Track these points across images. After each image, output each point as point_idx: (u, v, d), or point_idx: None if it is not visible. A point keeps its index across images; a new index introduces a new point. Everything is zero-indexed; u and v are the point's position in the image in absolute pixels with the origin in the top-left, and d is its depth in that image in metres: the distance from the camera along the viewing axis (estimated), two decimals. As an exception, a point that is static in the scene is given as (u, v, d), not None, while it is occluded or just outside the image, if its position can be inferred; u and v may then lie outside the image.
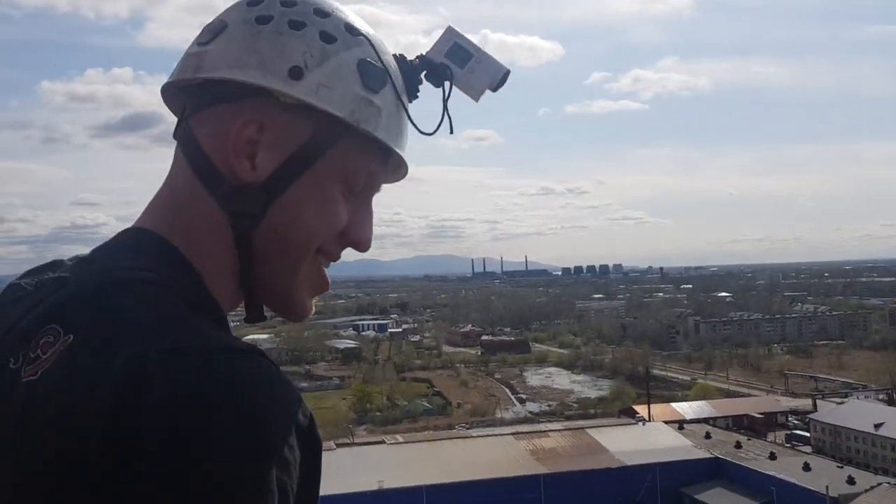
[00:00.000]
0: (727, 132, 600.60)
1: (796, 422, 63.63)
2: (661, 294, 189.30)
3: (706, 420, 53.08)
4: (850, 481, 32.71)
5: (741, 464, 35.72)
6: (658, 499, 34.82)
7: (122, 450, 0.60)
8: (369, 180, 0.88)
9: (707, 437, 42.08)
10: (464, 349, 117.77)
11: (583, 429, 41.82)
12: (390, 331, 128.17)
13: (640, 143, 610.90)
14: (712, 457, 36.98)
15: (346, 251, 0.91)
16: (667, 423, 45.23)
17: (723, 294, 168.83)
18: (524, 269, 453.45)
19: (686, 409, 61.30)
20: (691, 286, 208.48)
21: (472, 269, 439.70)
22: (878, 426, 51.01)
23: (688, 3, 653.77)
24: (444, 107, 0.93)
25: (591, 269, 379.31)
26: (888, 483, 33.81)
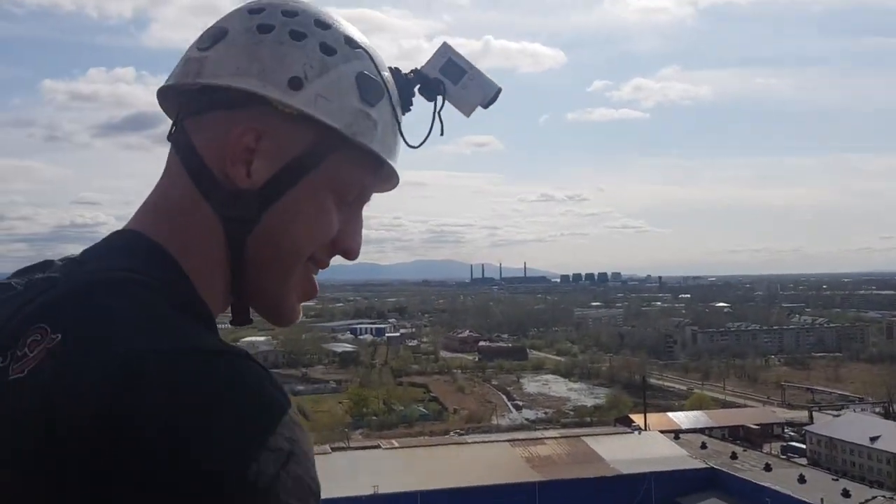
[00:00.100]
0: (728, 142, 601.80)
1: (792, 433, 63.57)
2: (659, 303, 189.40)
3: (702, 430, 53.05)
4: (846, 494, 32.73)
5: (736, 475, 35.69)
6: (653, 508, 34.82)
7: (118, 449, 0.60)
8: (361, 191, 0.90)
9: (703, 447, 42.07)
10: (461, 355, 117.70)
11: (578, 437, 41.79)
12: (388, 335, 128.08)
13: (641, 152, 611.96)
14: (708, 467, 36.97)
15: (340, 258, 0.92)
16: (663, 432, 45.20)
17: (721, 304, 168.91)
18: (523, 275, 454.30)
19: (682, 418, 61.26)
20: (689, 296, 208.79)
21: (471, 274, 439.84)
22: (874, 439, 50.98)
23: (690, 12, 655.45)
24: (433, 119, 0.95)
25: (590, 276, 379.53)
26: (883, 496, 33.83)
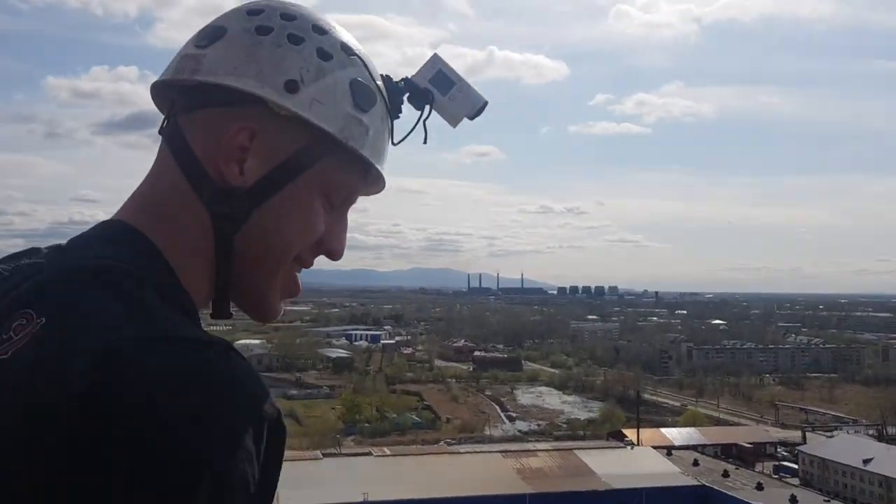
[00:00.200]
0: (729, 160, 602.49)
1: (785, 453, 63.48)
2: (655, 318, 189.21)
3: (695, 447, 53.03)
4: (837, 515, 32.71)
5: (728, 493, 35.65)
6: (643, 524, 34.69)
7: (92, 434, 0.61)
8: (349, 194, 0.92)
9: (695, 464, 42.01)
10: (456, 364, 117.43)
11: (571, 450, 41.73)
12: (383, 342, 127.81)
13: (641, 167, 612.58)
14: (700, 484, 36.88)
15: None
16: (655, 448, 45.15)
17: (717, 321, 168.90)
18: (520, 286, 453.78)
19: (675, 434, 61.18)
20: (686, 312, 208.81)
21: (468, 283, 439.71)
22: (866, 461, 50.87)
23: (693, 29, 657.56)
24: (415, 124, 0.97)
25: (587, 289, 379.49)
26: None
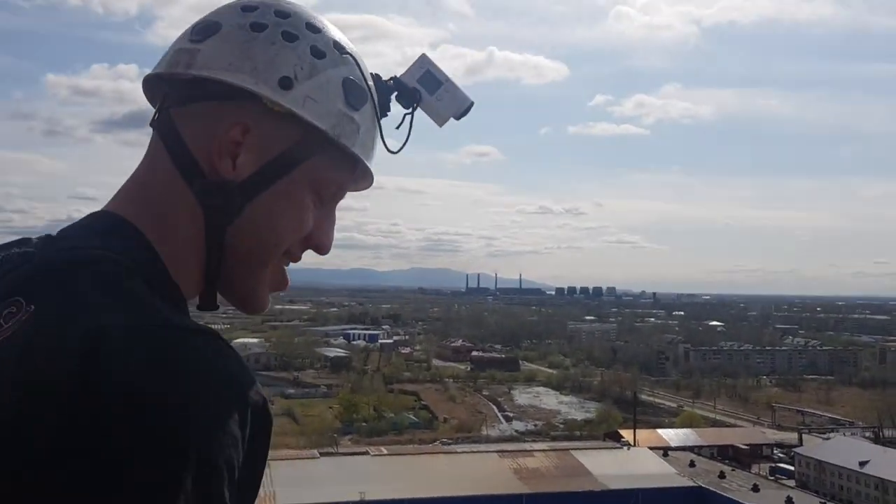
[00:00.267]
0: (727, 162, 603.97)
1: (781, 455, 63.52)
2: (652, 319, 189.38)
3: (691, 448, 53.03)
4: (832, 517, 32.78)
5: (724, 494, 35.71)
6: (639, 525, 34.76)
7: (78, 420, 0.62)
8: (338, 190, 0.94)
9: (691, 465, 42.11)
10: (453, 364, 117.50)
11: (567, 450, 41.79)
12: (381, 342, 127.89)
13: (640, 168, 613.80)
14: (695, 486, 36.95)
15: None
16: (652, 449, 45.21)
17: (714, 323, 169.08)
18: (518, 286, 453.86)
19: (672, 436, 61.20)
20: (683, 313, 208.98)
21: (467, 284, 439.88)
22: (863, 464, 50.95)
23: (693, 31, 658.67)
24: (409, 127, 0.99)
25: (585, 290, 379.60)
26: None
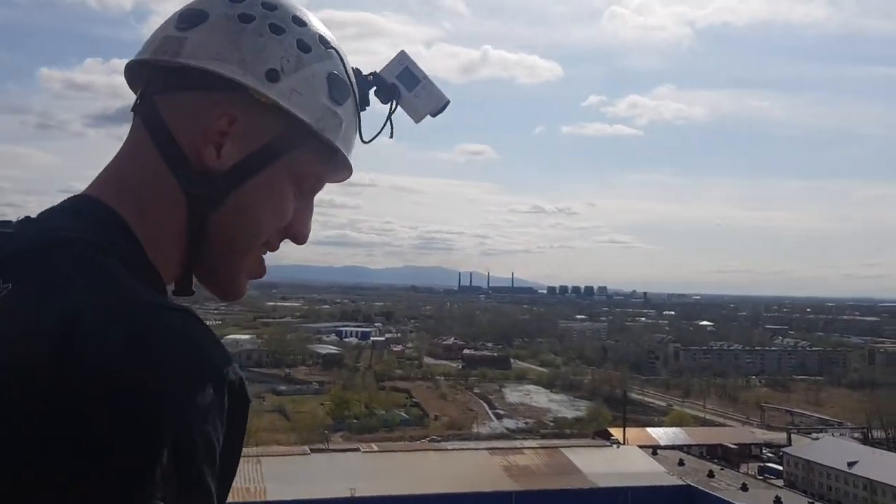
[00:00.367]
0: (719, 163, 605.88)
1: (770, 455, 63.86)
2: (643, 319, 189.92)
3: (680, 447, 53.34)
4: (820, 517, 33.02)
5: (713, 493, 35.93)
6: (628, 523, 34.94)
7: (53, 398, 0.62)
8: (318, 182, 0.95)
9: (680, 464, 42.34)
10: (445, 362, 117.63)
11: (557, 448, 41.95)
12: (373, 339, 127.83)
13: (633, 169, 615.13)
14: (684, 484, 37.16)
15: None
16: (641, 447, 45.43)
17: (704, 323, 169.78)
18: (510, 285, 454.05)
19: (661, 434, 61.50)
20: (674, 313, 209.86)
21: (459, 282, 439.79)
22: (851, 464, 51.28)
23: (687, 32, 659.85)
24: (386, 120, 1.01)
25: (577, 289, 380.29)
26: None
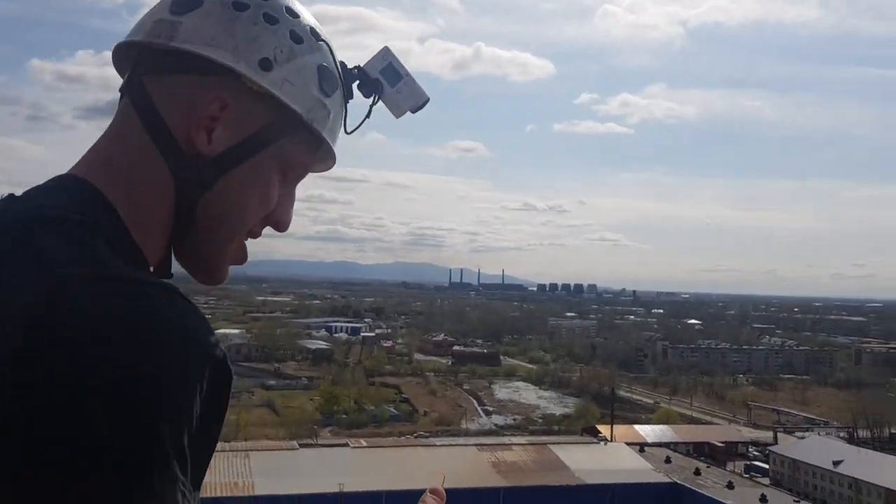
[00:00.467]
0: (710, 162, 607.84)
1: (756, 453, 64.38)
2: (632, 317, 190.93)
3: (667, 444, 53.66)
4: (805, 516, 33.28)
5: (699, 491, 36.11)
6: (614, 520, 35.13)
7: (29, 371, 0.63)
8: (302, 171, 0.97)
9: (667, 461, 42.56)
10: (435, 358, 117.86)
11: (545, 444, 42.06)
12: (363, 335, 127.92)
13: (623, 167, 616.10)
14: (671, 482, 37.35)
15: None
16: (628, 444, 45.61)
17: (693, 321, 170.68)
18: (501, 282, 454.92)
19: (648, 431, 61.88)
20: (662, 311, 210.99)
21: (450, 278, 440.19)
22: (836, 463, 51.71)
23: (679, 32, 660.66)
24: (368, 114, 1.03)
25: (566, 287, 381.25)
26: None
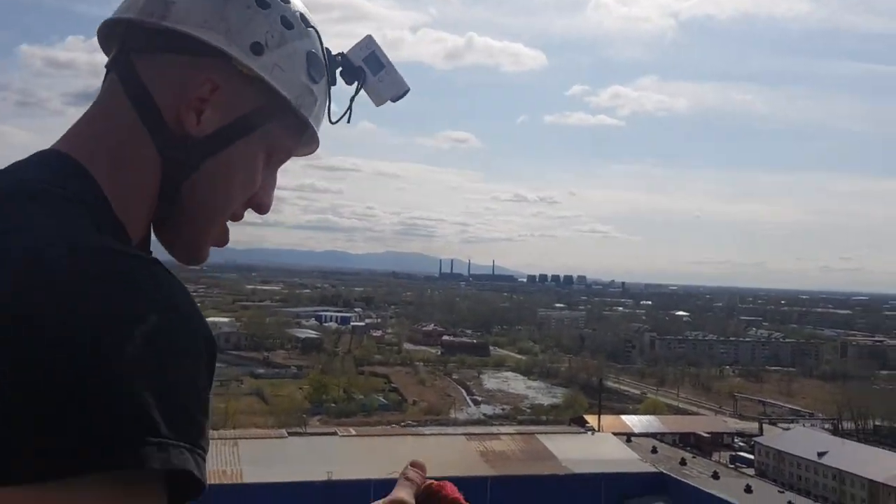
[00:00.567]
0: (699, 155, 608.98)
1: (742, 444, 65.01)
2: (620, 308, 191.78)
3: (654, 435, 54.00)
4: (789, 506, 33.69)
5: (685, 481, 36.40)
6: (601, 509, 35.47)
7: (11, 339, 0.62)
8: (286, 155, 0.98)
9: (653, 451, 42.87)
10: (425, 348, 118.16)
11: (533, 434, 42.28)
12: (353, 324, 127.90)
13: (614, 159, 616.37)
14: (657, 471, 37.60)
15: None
16: (615, 434, 45.93)
17: (681, 313, 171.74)
18: (491, 273, 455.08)
19: (635, 422, 62.39)
20: (651, 303, 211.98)
21: (440, 269, 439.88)
22: (821, 454, 52.34)
23: (671, 24, 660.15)
24: (352, 102, 1.04)
25: (556, 278, 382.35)
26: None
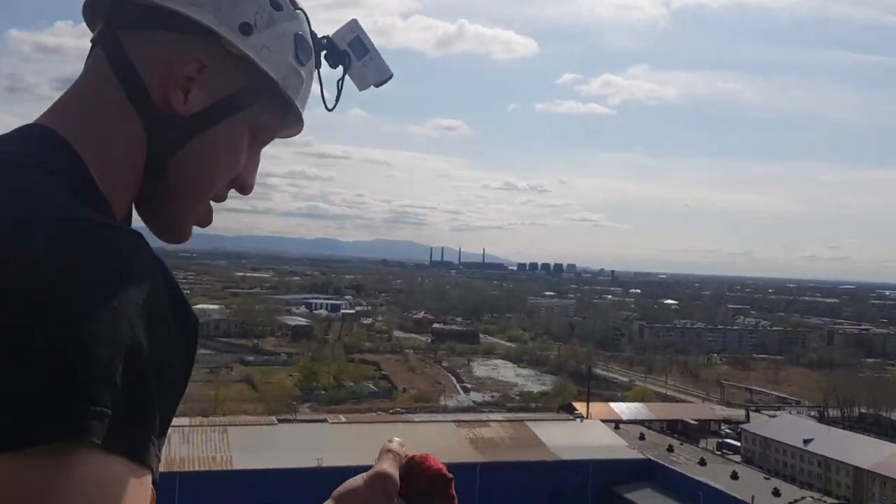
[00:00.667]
0: (689, 144, 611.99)
1: (728, 431, 65.57)
2: (610, 296, 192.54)
3: (642, 422, 54.39)
4: (776, 493, 33.87)
5: (672, 467, 36.66)
6: (589, 496, 35.62)
7: None
8: (270, 136, 0.98)
9: (641, 438, 43.13)
10: (415, 335, 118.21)
11: (522, 421, 42.43)
12: (343, 311, 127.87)
13: (604, 148, 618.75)
14: (644, 458, 37.85)
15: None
16: (604, 421, 46.13)
17: (669, 301, 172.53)
18: (481, 261, 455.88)
19: (623, 409, 62.77)
20: (640, 291, 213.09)
21: (431, 257, 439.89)
22: (807, 442, 52.85)
23: (662, 13, 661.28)
24: (339, 87, 1.04)
25: (546, 266, 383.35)
26: (812, 497, 35.14)
